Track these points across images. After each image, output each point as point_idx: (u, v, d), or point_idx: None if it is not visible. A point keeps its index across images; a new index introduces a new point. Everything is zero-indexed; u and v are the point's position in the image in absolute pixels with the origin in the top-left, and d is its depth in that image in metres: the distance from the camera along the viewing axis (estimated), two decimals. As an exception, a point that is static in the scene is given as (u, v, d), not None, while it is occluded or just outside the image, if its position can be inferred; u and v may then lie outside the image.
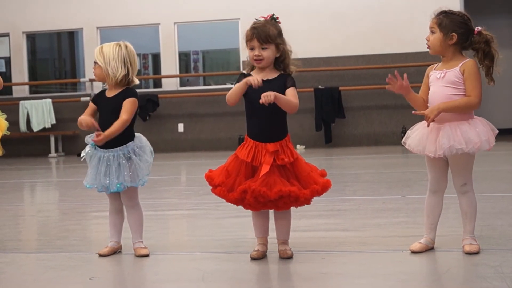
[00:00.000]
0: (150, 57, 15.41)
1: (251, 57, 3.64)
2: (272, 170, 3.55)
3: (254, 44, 3.60)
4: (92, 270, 3.63)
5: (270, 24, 3.64)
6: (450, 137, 3.53)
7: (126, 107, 3.83)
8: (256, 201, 3.53)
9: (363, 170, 8.69)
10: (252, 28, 3.62)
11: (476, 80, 3.56)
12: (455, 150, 3.52)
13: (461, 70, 3.58)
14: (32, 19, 14.16)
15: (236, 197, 3.57)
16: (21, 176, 9.94)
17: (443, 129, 3.56)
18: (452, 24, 3.59)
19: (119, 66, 3.85)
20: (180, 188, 7.88)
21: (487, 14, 13.91)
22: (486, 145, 3.54)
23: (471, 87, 3.55)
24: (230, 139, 13.27)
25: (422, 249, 3.66)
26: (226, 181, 3.60)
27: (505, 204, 5.34)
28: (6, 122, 4.38)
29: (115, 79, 3.86)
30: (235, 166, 3.63)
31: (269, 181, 3.52)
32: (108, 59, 3.85)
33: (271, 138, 3.61)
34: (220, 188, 3.61)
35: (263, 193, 3.49)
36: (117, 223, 3.97)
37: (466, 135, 3.52)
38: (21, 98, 13.99)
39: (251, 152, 3.60)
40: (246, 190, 3.52)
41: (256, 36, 3.58)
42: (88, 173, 3.89)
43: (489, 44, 3.61)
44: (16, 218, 5.81)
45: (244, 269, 3.52)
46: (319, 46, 13.05)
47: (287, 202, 3.56)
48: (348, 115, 13.02)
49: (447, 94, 3.59)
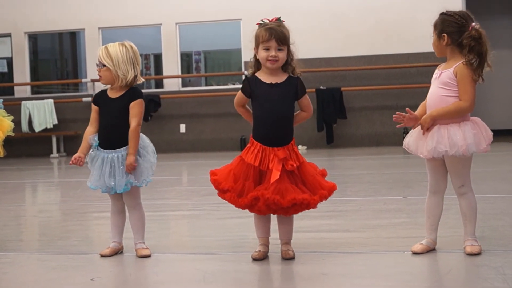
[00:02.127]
0: (152, 58, 15.41)
1: (265, 58, 3.61)
2: (282, 176, 3.54)
3: (271, 44, 3.58)
4: (93, 271, 3.63)
5: (283, 26, 3.64)
6: (435, 139, 3.53)
7: (134, 111, 3.81)
8: (268, 208, 3.53)
9: (364, 171, 8.69)
10: (270, 29, 3.59)
11: (468, 84, 3.52)
12: (437, 153, 3.53)
13: (454, 71, 3.57)
14: (34, 20, 14.17)
15: (247, 203, 3.56)
16: (23, 177, 9.94)
17: (433, 130, 3.58)
18: (442, 24, 3.58)
19: (129, 68, 3.82)
20: (182, 188, 7.87)
21: (488, 15, 13.90)
22: (473, 148, 3.51)
23: (462, 91, 3.53)
24: (231, 140, 13.27)
25: (424, 250, 3.66)
26: (235, 186, 3.58)
27: (506, 205, 5.34)
28: (11, 123, 4.36)
29: (125, 81, 3.82)
30: (242, 169, 3.61)
31: (281, 188, 3.51)
32: (117, 61, 3.80)
33: (278, 142, 3.61)
34: (230, 194, 3.58)
35: (277, 202, 3.49)
36: (119, 223, 3.97)
37: (452, 138, 3.51)
38: (23, 98, 14.00)
39: (258, 156, 3.59)
40: (259, 197, 3.50)
41: (275, 37, 3.57)
42: (92, 174, 3.88)
43: (476, 40, 3.53)
44: (18, 218, 5.81)
45: (245, 270, 3.52)
46: (321, 46, 13.05)
47: (298, 209, 3.58)
48: (350, 116, 13.01)
49: (440, 95, 3.58)
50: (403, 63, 12.81)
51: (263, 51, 3.61)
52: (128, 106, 3.82)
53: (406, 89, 12.68)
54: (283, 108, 3.62)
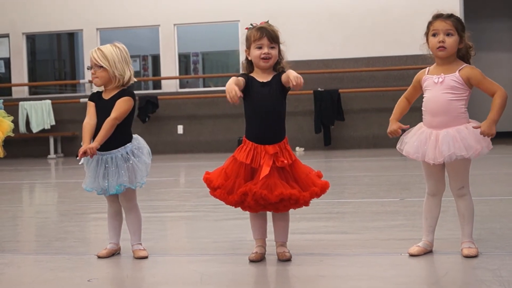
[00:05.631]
0: (150, 59, 15.41)
1: (258, 56, 3.64)
2: (272, 173, 3.56)
3: (264, 42, 3.62)
4: (90, 272, 3.63)
5: (273, 26, 3.71)
6: (450, 144, 3.52)
7: (118, 106, 3.80)
8: (257, 203, 3.54)
9: (362, 173, 8.70)
10: (261, 28, 3.65)
11: (486, 78, 3.59)
12: (455, 157, 3.52)
13: (462, 75, 3.57)
14: (32, 20, 14.16)
15: (236, 199, 3.57)
16: (20, 177, 9.94)
17: (442, 135, 3.56)
18: (463, 27, 3.62)
19: (125, 68, 3.84)
20: (179, 190, 7.87)
21: (485, 18, 13.92)
22: (486, 150, 3.56)
23: (490, 85, 3.58)
24: (229, 141, 13.27)
25: (421, 252, 3.66)
26: (225, 184, 3.60)
27: (503, 207, 5.35)
28: (11, 124, 4.34)
29: (122, 81, 3.84)
30: (233, 168, 3.63)
31: (269, 183, 3.53)
32: (113, 61, 3.81)
33: (270, 140, 3.62)
34: (219, 191, 3.61)
35: (264, 196, 3.50)
36: (116, 225, 3.97)
37: (466, 142, 3.52)
38: (20, 99, 13.98)
39: (250, 154, 3.61)
40: (247, 192, 3.52)
41: (267, 35, 3.63)
42: (87, 176, 3.88)
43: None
44: (15, 219, 5.81)
45: (242, 271, 3.52)
46: (319, 48, 13.06)
47: (287, 205, 3.58)
48: (348, 118, 13.02)
49: (447, 100, 3.58)
50: (401, 65, 12.83)
51: (256, 49, 3.65)
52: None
53: (403, 91, 12.55)
54: (272, 105, 3.64)
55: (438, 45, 3.59)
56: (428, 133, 3.61)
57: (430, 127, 3.63)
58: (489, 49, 13.65)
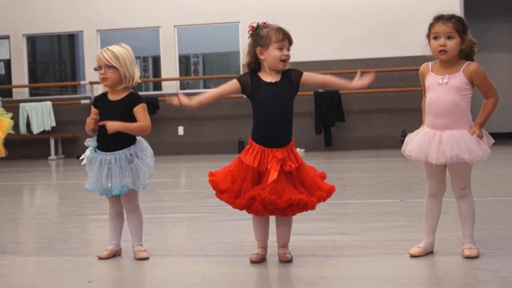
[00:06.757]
0: (150, 60, 15.42)
1: (278, 57, 3.61)
2: (280, 177, 3.54)
3: (285, 44, 3.63)
4: (91, 273, 3.63)
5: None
6: (454, 146, 3.52)
7: (142, 115, 3.82)
8: (265, 208, 3.53)
9: (362, 174, 8.69)
10: (280, 29, 3.64)
11: (488, 81, 3.62)
12: (456, 159, 3.52)
13: (466, 75, 3.57)
14: (32, 22, 14.16)
15: (244, 203, 3.56)
16: (21, 179, 9.94)
17: (447, 135, 3.56)
18: (465, 28, 3.61)
19: (134, 69, 3.86)
20: (180, 191, 7.87)
21: (486, 19, 13.92)
22: (486, 157, 3.57)
23: (487, 89, 3.61)
24: (230, 142, 13.27)
25: (421, 253, 3.66)
26: (232, 187, 3.58)
27: (504, 208, 5.34)
28: (11, 121, 4.34)
29: (132, 82, 3.84)
30: (240, 171, 3.61)
31: (278, 188, 3.51)
32: (124, 62, 3.81)
33: (277, 142, 3.60)
34: (227, 195, 3.58)
35: (273, 201, 3.49)
36: (117, 226, 3.97)
37: (469, 146, 3.52)
38: (21, 100, 13.99)
39: (257, 158, 3.59)
40: (255, 197, 3.51)
41: (288, 37, 3.64)
42: (90, 176, 3.87)
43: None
44: (16, 220, 5.81)
45: (243, 273, 3.52)
46: (319, 49, 13.06)
47: (295, 209, 3.58)
48: (348, 119, 13.02)
49: (453, 100, 3.57)
50: (401, 66, 12.83)
51: (277, 50, 3.61)
52: (128, 109, 3.82)
53: (404, 92, 12.69)
54: (282, 106, 3.62)
55: (439, 48, 3.58)
56: (432, 134, 3.60)
57: (433, 128, 3.62)
58: (489, 50, 13.64)
